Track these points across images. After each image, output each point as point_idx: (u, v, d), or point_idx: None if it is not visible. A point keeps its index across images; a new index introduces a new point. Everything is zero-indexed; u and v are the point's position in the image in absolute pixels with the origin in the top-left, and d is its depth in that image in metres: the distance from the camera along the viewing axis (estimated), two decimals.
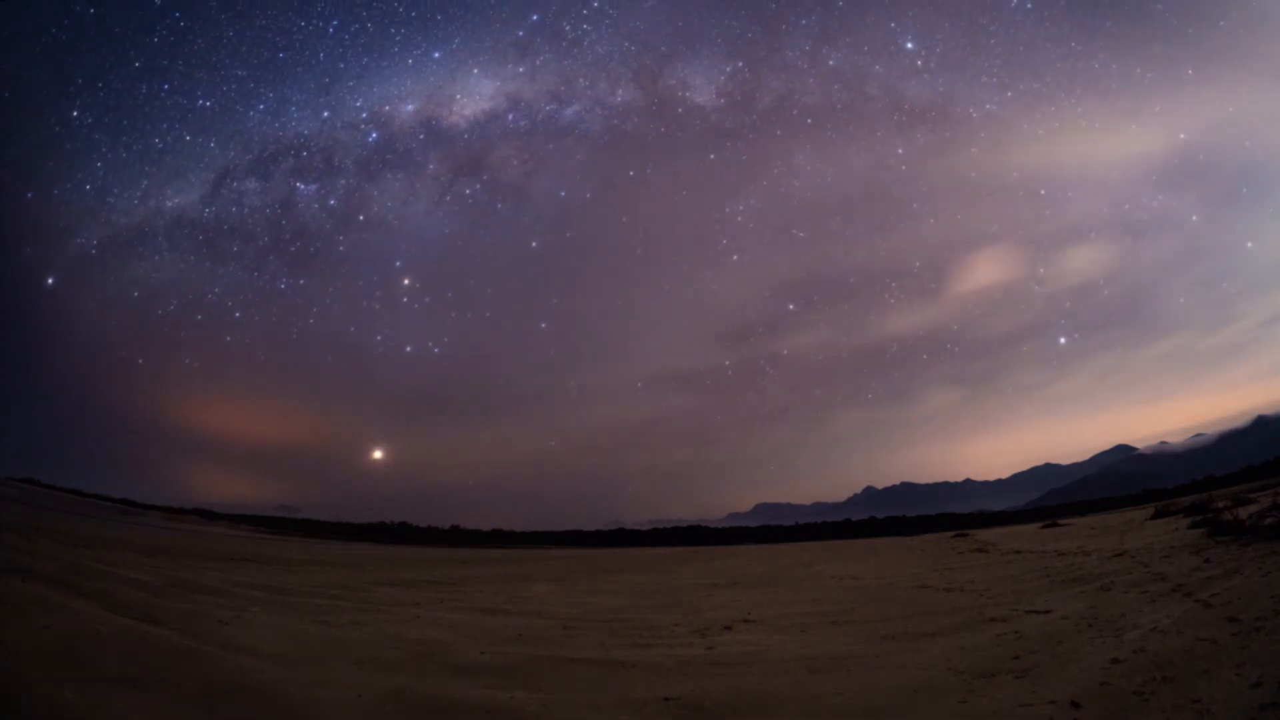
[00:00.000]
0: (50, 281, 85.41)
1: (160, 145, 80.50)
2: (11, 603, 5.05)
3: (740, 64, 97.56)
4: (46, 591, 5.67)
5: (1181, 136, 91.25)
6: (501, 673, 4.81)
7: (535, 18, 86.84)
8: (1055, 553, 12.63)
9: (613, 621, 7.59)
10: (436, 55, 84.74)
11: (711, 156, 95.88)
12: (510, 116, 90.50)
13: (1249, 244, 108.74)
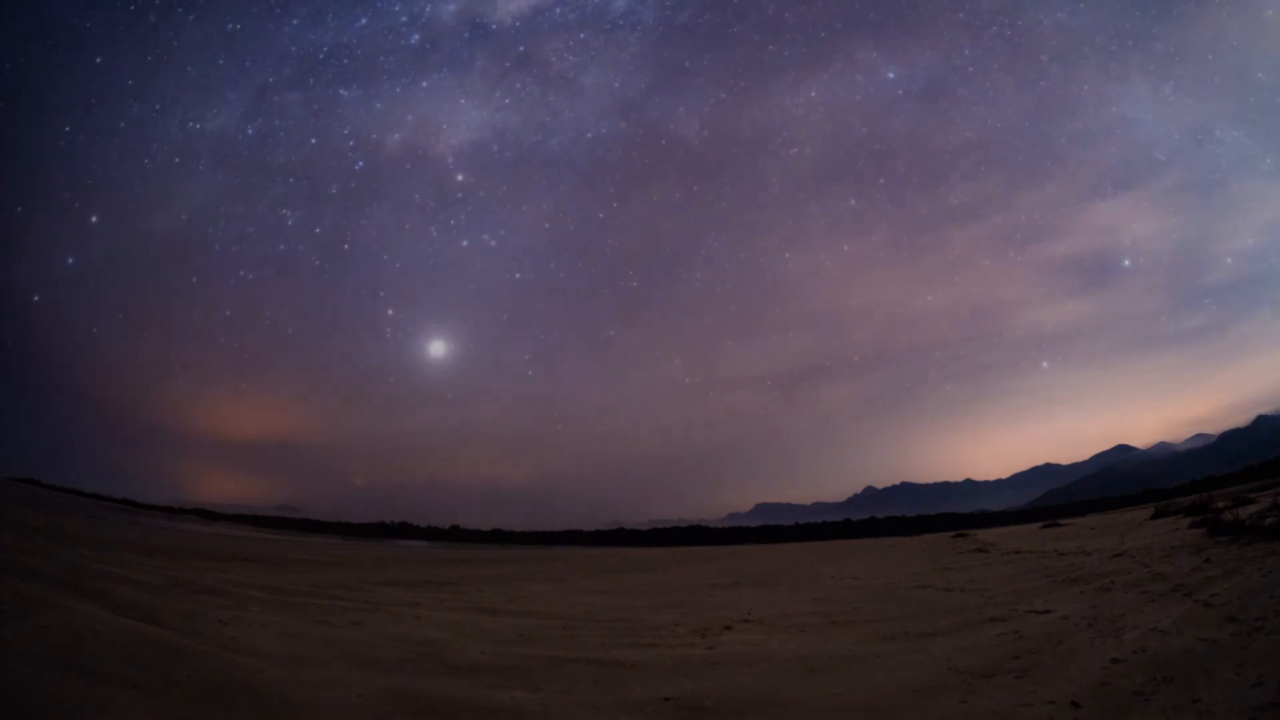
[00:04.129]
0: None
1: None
2: (11, 603, 5.05)
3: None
4: (46, 591, 5.66)
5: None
6: (501, 673, 4.81)
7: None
8: (1055, 553, 12.62)
9: (613, 621, 7.58)
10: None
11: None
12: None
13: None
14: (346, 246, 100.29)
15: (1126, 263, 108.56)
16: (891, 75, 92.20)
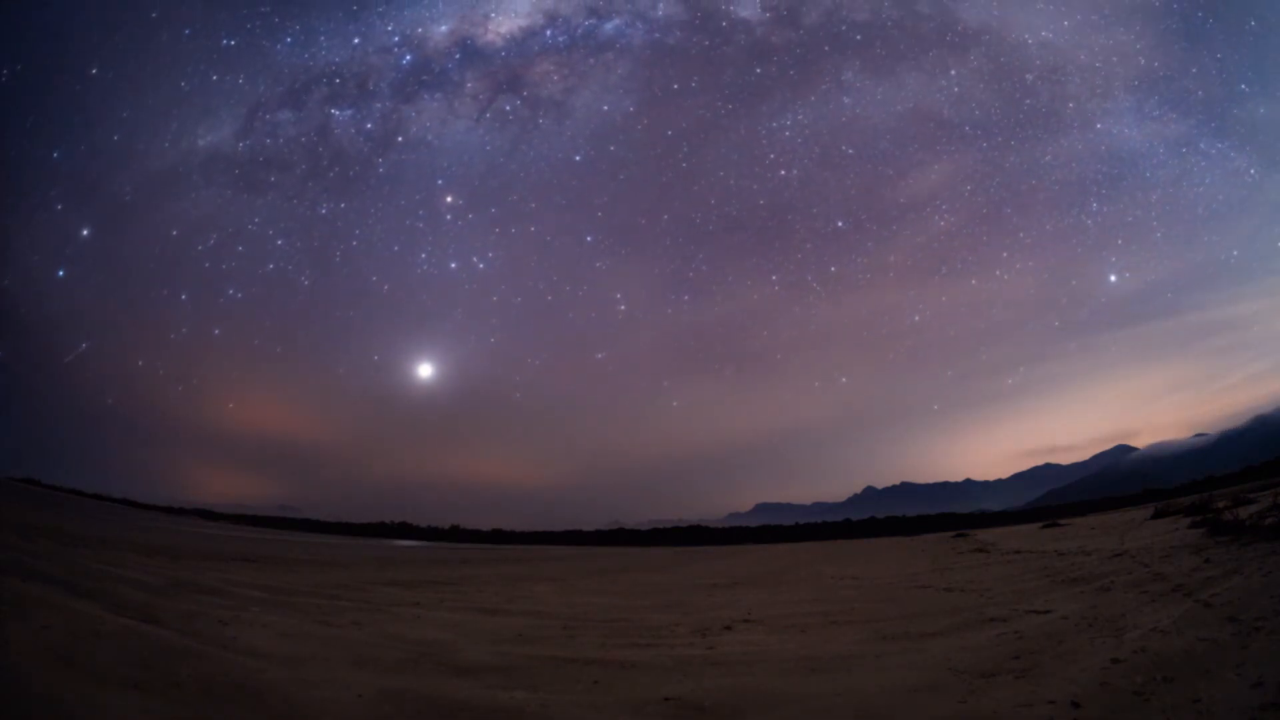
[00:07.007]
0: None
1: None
2: (11, 603, 5.05)
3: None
4: (46, 591, 5.67)
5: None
6: (501, 673, 4.81)
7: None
8: (1055, 553, 12.63)
9: (613, 621, 7.58)
10: None
11: (758, 70, 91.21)
12: (548, 33, 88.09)
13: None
14: (337, 259, 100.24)
15: (1113, 278, 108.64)
16: (879, 97, 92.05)
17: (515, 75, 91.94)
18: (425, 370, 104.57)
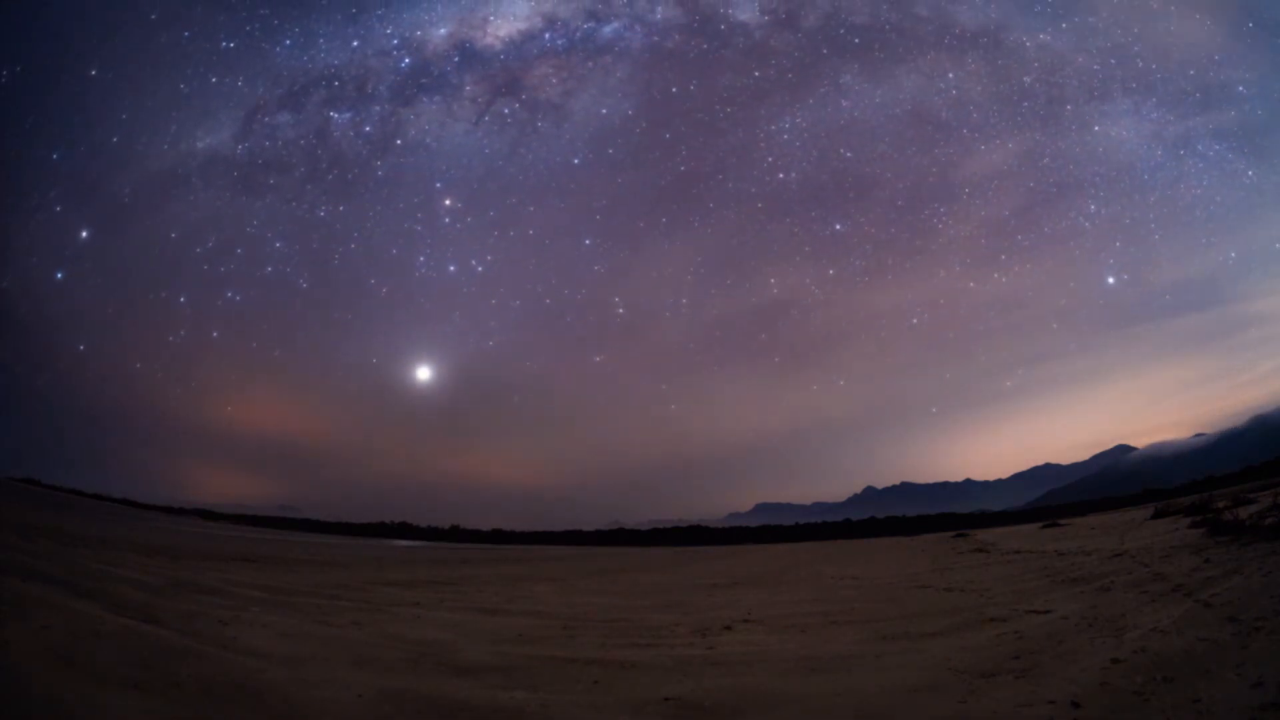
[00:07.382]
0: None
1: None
2: (11, 603, 5.05)
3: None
4: (46, 591, 5.67)
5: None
6: (501, 673, 4.82)
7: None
8: (1055, 553, 12.63)
9: (613, 621, 7.59)
10: None
11: (756, 74, 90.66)
12: (547, 36, 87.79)
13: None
14: (336, 262, 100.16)
15: (1110, 280, 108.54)
16: (877, 100, 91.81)
17: (514, 78, 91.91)
18: (424, 372, 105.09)
